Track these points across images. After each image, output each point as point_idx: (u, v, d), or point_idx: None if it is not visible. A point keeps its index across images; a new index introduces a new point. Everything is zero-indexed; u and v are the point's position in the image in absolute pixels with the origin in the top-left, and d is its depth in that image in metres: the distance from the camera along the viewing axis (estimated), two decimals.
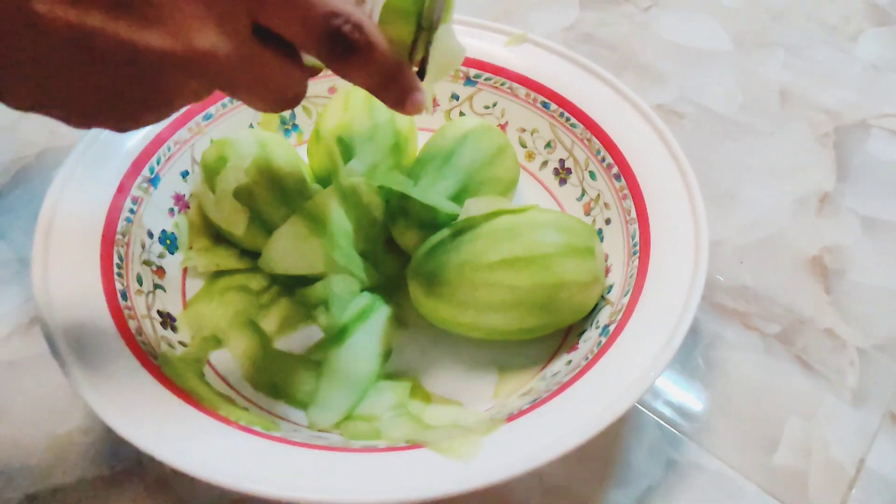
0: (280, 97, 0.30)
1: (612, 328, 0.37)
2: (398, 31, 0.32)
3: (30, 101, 0.26)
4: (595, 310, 0.40)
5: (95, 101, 0.26)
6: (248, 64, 0.28)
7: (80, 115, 0.27)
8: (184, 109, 0.44)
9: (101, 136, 0.43)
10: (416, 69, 0.33)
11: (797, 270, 0.47)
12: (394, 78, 0.31)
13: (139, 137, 0.44)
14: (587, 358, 0.36)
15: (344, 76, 0.30)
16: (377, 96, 0.32)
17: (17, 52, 0.24)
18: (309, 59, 0.31)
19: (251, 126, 0.49)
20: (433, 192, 0.42)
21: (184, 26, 0.26)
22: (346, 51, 0.28)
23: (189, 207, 0.45)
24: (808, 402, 0.41)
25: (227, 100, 0.47)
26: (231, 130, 0.46)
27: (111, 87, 0.26)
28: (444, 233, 0.40)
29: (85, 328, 0.35)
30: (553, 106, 0.48)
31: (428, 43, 0.33)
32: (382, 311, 0.43)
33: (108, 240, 0.39)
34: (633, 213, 0.42)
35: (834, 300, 0.46)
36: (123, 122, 0.28)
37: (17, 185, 0.51)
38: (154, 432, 0.32)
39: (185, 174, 0.45)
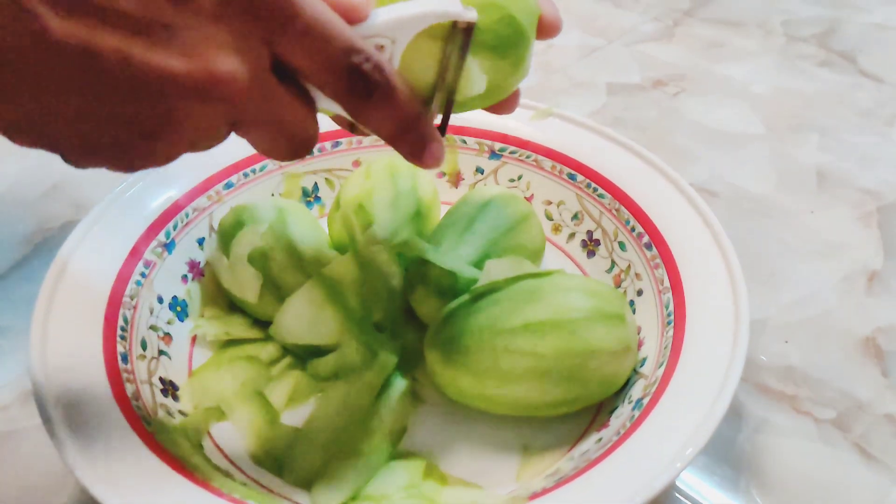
0: (292, 140, 0.29)
1: (645, 401, 0.34)
2: (416, 83, 0.31)
3: (31, 129, 0.25)
4: (627, 384, 0.37)
5: (102, 129, 0.25)
6: (265, 97, 0.27)
7: (84, 146, 0.26)
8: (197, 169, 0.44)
9: (118, 200, 0.42)
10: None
11: (849, 351, 0.44)
12: (412, 125, 0.30)
13: (158, 203, 0.43)
14: (619, 433, 0.33)
15: (360, 118, 0.29)
16: (393, 145, 0.31)
17: (22, 71, 0.23)
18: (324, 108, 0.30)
19: (273, 195, 0.48)
20: (453, 257, 0.40)
21: (203, 50, 0.25)
22: (366, 90, 0.27)
23: (203, 275, 0.44)
24: (871, 495, 0.37)
25: (248, 169, 0.47)
26: (252, 200, 0.45)
27: (120, 113, 0.25)
28: (464, 298, 0.38)
29: (79, 388, 0.33)
30: (580, 177, 0.46)
31: (448, 102, 0.31)
32: (397, 385, 0.40)
33: (115, 301, 0.38)
34: (667, 283, 0.39)
35: (892, 384, 0.42)
36: (128, 156, 0.26)
37: (38, 256, 0.50)
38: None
39: (201, 241, 0.44)
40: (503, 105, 0.36)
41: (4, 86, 0.23)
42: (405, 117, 0.29)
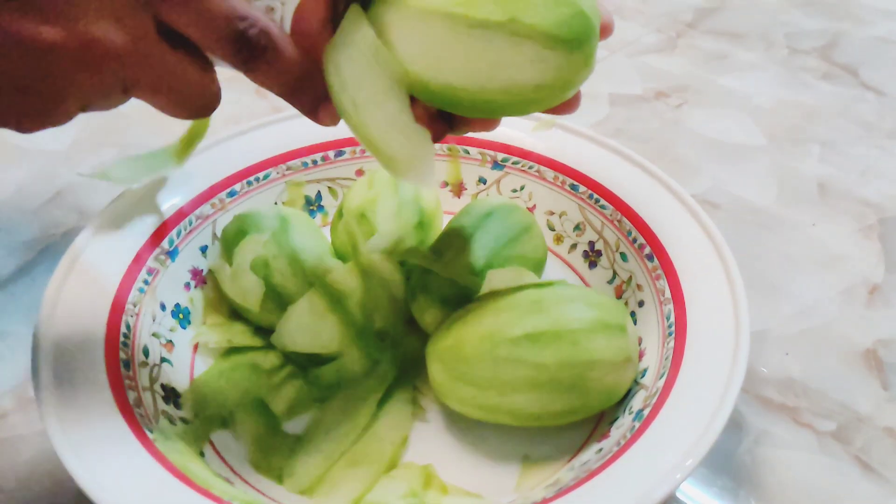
0: (189, 100, 0.30)
1: (646, 412, 0.34)
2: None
3: None
4: (628, 395, 0.37)
5: (2, 98, 0.26)
6: (150, 61, 0.28)
7: None
8: None
9: (121, 208, 0.42)
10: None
11: (849, 364, 0.44)
12: (303, 84, 0.31)
13: (161, 211, 0.43)
14: (619, 444, 0.33)
15: (253, 79, 0.30)
16: (290, 102, 0.32)
17: None
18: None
19: (276, 204, 0.48)
20: (455, 267, 0.40)
21: (79, 18, 0.26)
22: (252, 55, 0.29)
23: (206, 283, 0.44)
24: None
25: (252, 177, 0.47)
26: (255, 208, 0.46)
27: (15, 83, 0.26)
28: (466, 307, 0.38)
29: (81, 394, 0.33)
30: (582, 188, 0.47)
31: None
32: (398, 394, 0.40)
33: (118, 308, 0.38)
34: (668, 294, 0.39)
35: (893, 396, 0.42)
36: (29, 121, 0.28)
37: (41, 262, 0.50)
38: None
39: (204, 249, 0.44)
40: (569, 103, 0.35)
41: None
42: (295, 78, 0.30)
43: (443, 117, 0.34)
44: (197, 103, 0.30)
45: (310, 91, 0.31)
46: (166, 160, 0.42)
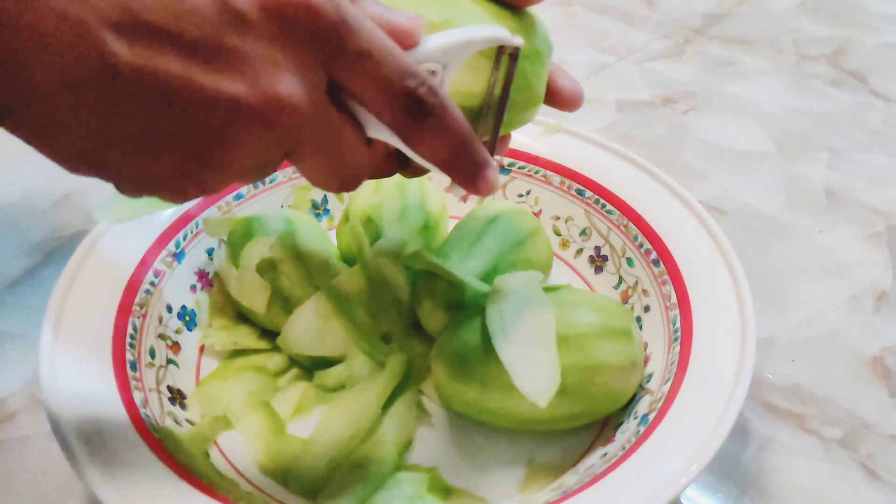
0: (346, 168, 0.28)
1: (651, 417, 0.34)
2: (464, 109, 0.30)
3: (89, 157, 0.24)
4: (633, 400, 0.37)
5: (158, 156, 0.24)
6: (322, 123, 0.26)
7: (139, 174, 0.25)
8: None
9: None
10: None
11: (856, 371, 0.44)
12: (466, 149, 0.29)
13: (168, 213, 0.43)
14: (624, 448, 0.32)
15: (414, 143, 0.28)
16: (448, 171, 0.30)
17: (84, 97, 0.22)
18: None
19: (282, 207, 0.48)
20: (461, 271, 0.40)
21: (263, 73, 0.24)
22: (420, 113, 0.27)
23: (212, 286, 0.44)
24: None
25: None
26: (261, 211, 0.46)
27: (178, 139, 0.24)
28: (471, 311, 0.38)
29: (88, 394, 0.33)
30: (588, 193, 0.47)
31: (495, 122, 0.31)
32: (404, 398, 0.40)
33: (125, 309, 0.38)
34: (674, 299, 0.39)
35: None
36: (182, 185, 0.26)
37: (48, 264, 0.51)
38: None
39: (210, 252, 0.45)
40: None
41: (66, 113, 0.23)
42: (459, 141, 0.28)
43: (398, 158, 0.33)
44: (351, 172, 0.29)
45: (470, 157, 0.29)
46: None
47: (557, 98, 0.34)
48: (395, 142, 0.28)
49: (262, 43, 0.24)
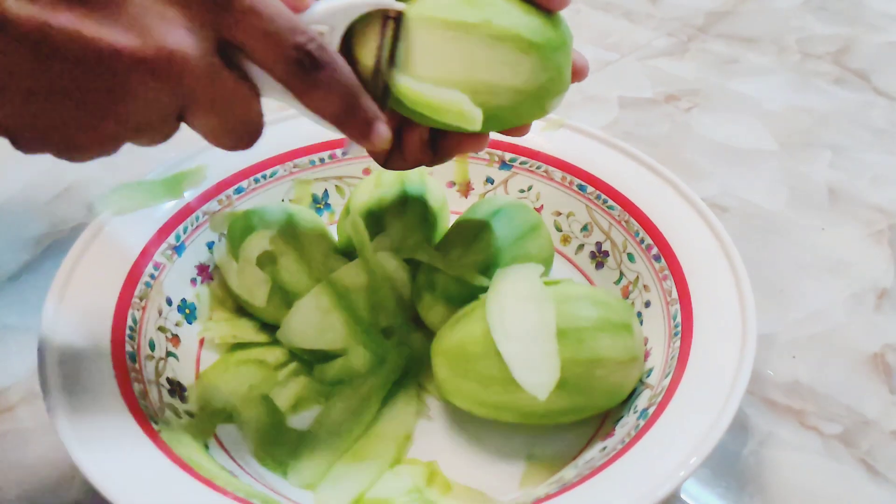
0: (240, 126, 0.29)
1: (651, 411, 0.33)
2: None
3: None
4: (633, 395, 0.37)
5: (52, 109, 0.25)
6: (213, 79, 0.27)
7: (33, 128, 0.26)
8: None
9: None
10: None
11: (857, 368, 0.43)
12: (357, 104, 0.30)
13: (168, 206, 0.43)
14: (623, 442, 0.32)
15: (306, 97, 0.30)
16: (340, 126, 0.31)
17: None
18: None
19: (283, 201, 0.48)
20: (461, 265, 0.40)
21: (154, 27, 0.25)
22: (312, 67, 0.28)
23: (212, 279, 0.44)
24: None
25: (259, 175, 0.47)
26: (262, 205, 0.46)
27: (70, 91, 0.25)
28: (472, 305, 0.38)
29: (87, 386, 0.33)
30: (590, 188, 0.47)
31: (384, 90, 0.32)
32: (404, 392, 0.40)
33: (124, 301, 0.38)
34: (675, 294, 0.39)
35: None
36: (75, 140, 0.27)
37: (49, 257, 0.51)
38: (146, 500, 0.29)
39: (210, 245, 0.45)
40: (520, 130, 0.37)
41: None
42: (350, 95, 0.30)
43: (431, 145, 0.36)
44: (246, 130, 0.30)
45: (361, 111, 0.30)
46: (163, 191, 0.43)
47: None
48: (289, 99, 0.30)
49: None
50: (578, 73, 0.35)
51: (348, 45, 0.32)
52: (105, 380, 0.34)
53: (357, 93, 0.30)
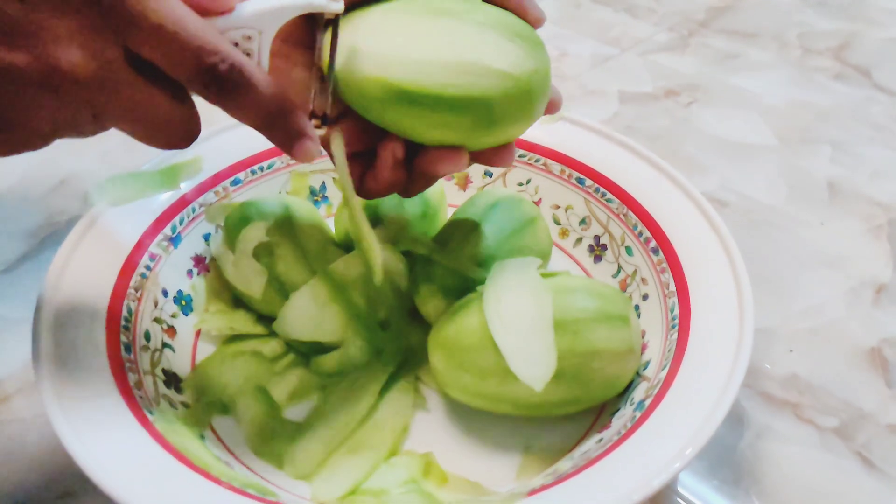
0: (163, 130, 0.29)
1: (647, 403, 0.33)
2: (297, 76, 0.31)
3: None
4: (630, 387, 0.37)
5: None
6: (116, 89, 0.27)
7: None
8: None
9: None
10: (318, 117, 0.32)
11: (854, 362, 0.43)
12: (278, 119, 0.29)
13: (165, 197, 0.43)
14: (619, 433, 0.32)
15: (227, 112, 0.29)
16: (266, 137, 0.30)
17: None
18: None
19: (280, 193, 0.48)
20: (458, 257, 0.40)
21: (45, 43, 0.26)
22: (222, 90, 0.28)
23: (209, 271, 0.44)
24: (871, 503, 0.36)
25: (256, 166, 0.47)
26: (259, 197, 0.46)
27: None
28: (469, 297, 0.38)
29: (82, 376, 0.33)
30: (588, 182, 0.46)
31: (322, 89, 0.31)
32: (400, 384, 0.40)
33: (119, 292, 0.38)
34: (672, 287, 0.39)
35: None
36: None
37: (44, 249, 0.51)
38: (141, 490, 0.29)
39: (207, 237, 0.44)
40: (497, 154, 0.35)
41: None
42: (270, 112, 0.29)
43: (406, 165, 0.35)
44: (172, 133, 0.29)
45: (283, 127, 0.30)
46: (159, 182, 0.43)
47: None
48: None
49: (45, 15, 0.25)
50: (552, 106, 0.35)
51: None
52: (100, 370, 0.34)
53: (280, 110, 0.29)
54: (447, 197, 0.48)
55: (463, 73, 0.31)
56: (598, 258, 0.46)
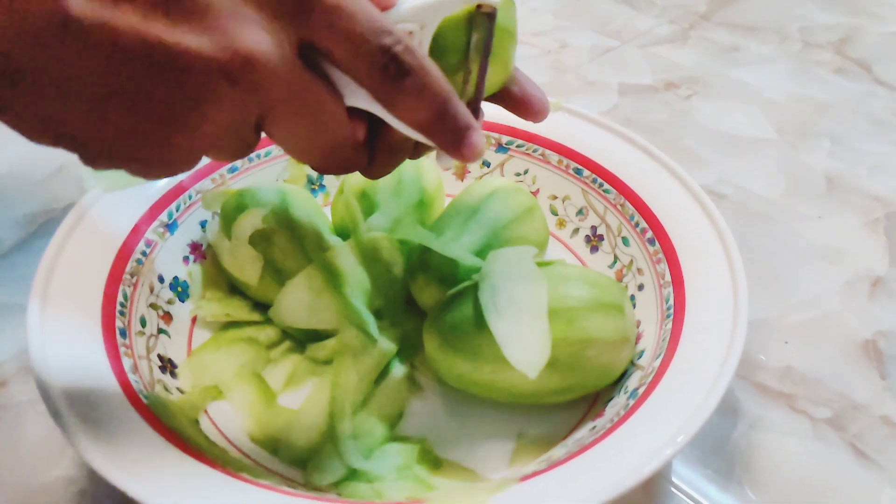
0: (326, 137, 0.27)
1: (641, 391, 0.33)
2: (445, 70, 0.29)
3: (51, 122, 0.23)
4: (624, 376, 0.37)
5: (122, 118, 0.23)
6: (293, 85, 0.25)
7: (103, 139, 0.24)
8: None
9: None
10: None
11: (848, 354, 0.43)
12: (448, 111, 0.27)
13: (161, 183, 0.43)
14: (612, 421, 0.32)
15: (393, 105, 0.27)
16: (430, 135, 0.28)
17: (41, 57, 0.22)
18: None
19: (277, 181, 0.48)
20: (455, 246, 0.40)
21: (229, 27, 0.23)
22: (399, 73, 0.26)
23: (205, 258, 0.44)
24: (863, 494, 0.36)
25: (253, 154, 0.47)
26: (256, 184, 0.46)
27: (141, 99, 0.23)
28: (464, 285, 0.38)
29: (76, 360, 0.33)
30: (586, 172, 0.46)
31: (476, 85, 0.30)
32: (396, 371, 0.40)
33: (115, 277, 0.38)
34: (668, 277, 0.39)
35: (890, 386, 0.41)
36: (148, 153, 0.24)
37: (41, 236, 0.51)
38: (136, 473, 0.29)
39: (203, 224, 0.45)
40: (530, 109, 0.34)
41: (23, 68, 0.22)
42: (441, 103, 0.27)
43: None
44: (331, 141, 0.27)
45: (452, 119, 0.27)
46: None
47: (525, 107, 0.33)
48: (375, 108, 0.27)
49: None
50: (534, 114, 0.33)
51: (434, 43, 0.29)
52: (95, 354, 0.34)
53: (449, 100, 0.27)
54: (445, 186, 0.48)
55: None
56: (594, 248, 0.46)
